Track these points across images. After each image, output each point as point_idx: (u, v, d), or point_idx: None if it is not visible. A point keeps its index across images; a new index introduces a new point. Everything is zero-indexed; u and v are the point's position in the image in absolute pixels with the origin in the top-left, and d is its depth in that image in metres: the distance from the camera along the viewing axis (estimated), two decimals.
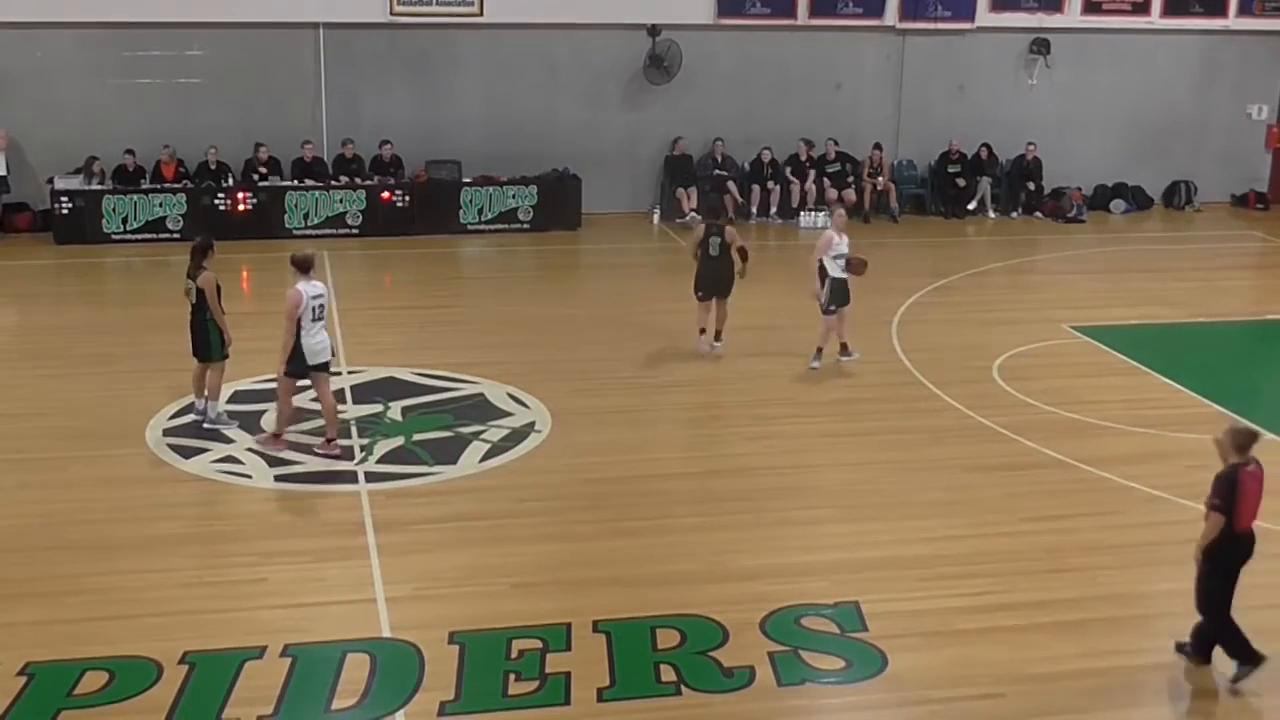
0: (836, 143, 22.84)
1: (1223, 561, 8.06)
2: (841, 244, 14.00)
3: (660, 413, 12.97)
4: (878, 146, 23.04)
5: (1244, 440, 7.97)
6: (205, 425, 12.10)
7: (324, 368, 11.47)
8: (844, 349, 14.42)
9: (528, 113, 22.00)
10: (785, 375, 14.11)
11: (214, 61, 21.13)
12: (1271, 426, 12.69)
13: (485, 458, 11.64)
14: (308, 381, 11.58)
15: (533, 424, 12.48)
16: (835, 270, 13.93)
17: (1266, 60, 24.77)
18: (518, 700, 7.87)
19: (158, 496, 10.86)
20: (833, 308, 14.03)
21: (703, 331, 14.71)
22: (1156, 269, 19.87)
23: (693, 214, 21.87)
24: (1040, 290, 18.89)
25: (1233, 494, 7.86)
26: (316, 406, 12.75)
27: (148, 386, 13.05)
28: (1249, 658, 8.21)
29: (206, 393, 12.17)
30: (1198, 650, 8.37)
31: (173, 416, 12.48)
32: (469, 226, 21.26)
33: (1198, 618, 9.04)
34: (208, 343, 12.01)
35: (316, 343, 11.32)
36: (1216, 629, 8.23)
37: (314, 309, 11.26)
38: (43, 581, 9.26)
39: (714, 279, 14.66)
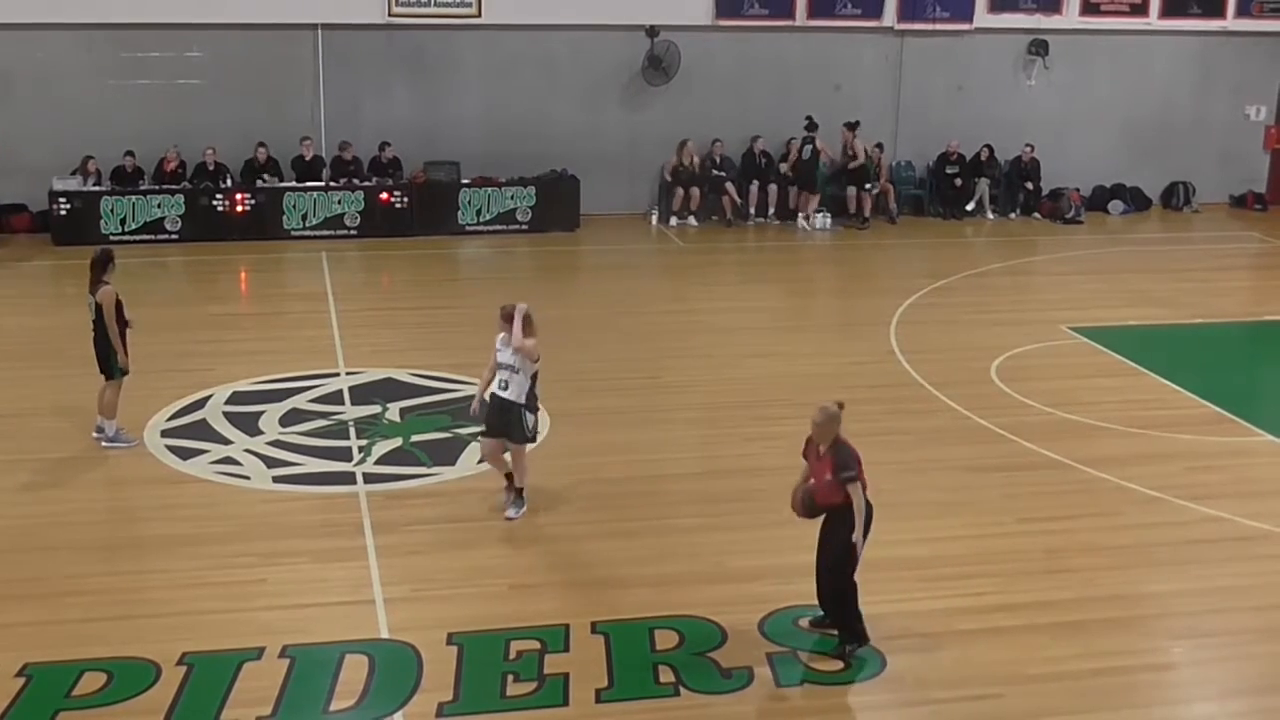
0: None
1: (856, 533, 8.21)
2: (501, 351, 10.27)
3: (660, 413, 12.96)
4: (879, 146, 23.05)
5: (839, 413, 8.26)
6: (104, 444, 11.75)
7: None
8: (511, 487, 10.48)
9: (526, 114, 21.98)
10: (785, 375, 14.10)
11: (213, 62, 21.10)
12: (1271, 427, 12.76)
13: (484, 459, 11.62)
14: (305, 383, 11.54)
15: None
16: (495, 385, 10.26)
17: (1264, 61, 24.77)
18: (516, 701, 7.86)
19: (157, 497, 10.86)
20: (482, 428, 10.50)
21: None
22: (1155, 270, 19.87)
23: (691, 216, 22.05)
24: (1038, 291, 18.90)
25: (857, 462, 8.16)
26: (315, 407, 12.78)
27: (146, 388, 12.99)
28: (862, 637, 8.39)
29: (103, 410, 11.80)
30: (861, 637, 8.46)
31: (171, 418, 12.47)
32: (467, 227, 21.25)
33: (1194, 616, 9.07)
34: (109, 359, 11.72)
35: None
36: (850, 598, 8.37)
37: None
38: (42, 581, 9.25)
39: (805, 178, 21.83)
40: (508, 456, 10.40)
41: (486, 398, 10.36)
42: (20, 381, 13.61)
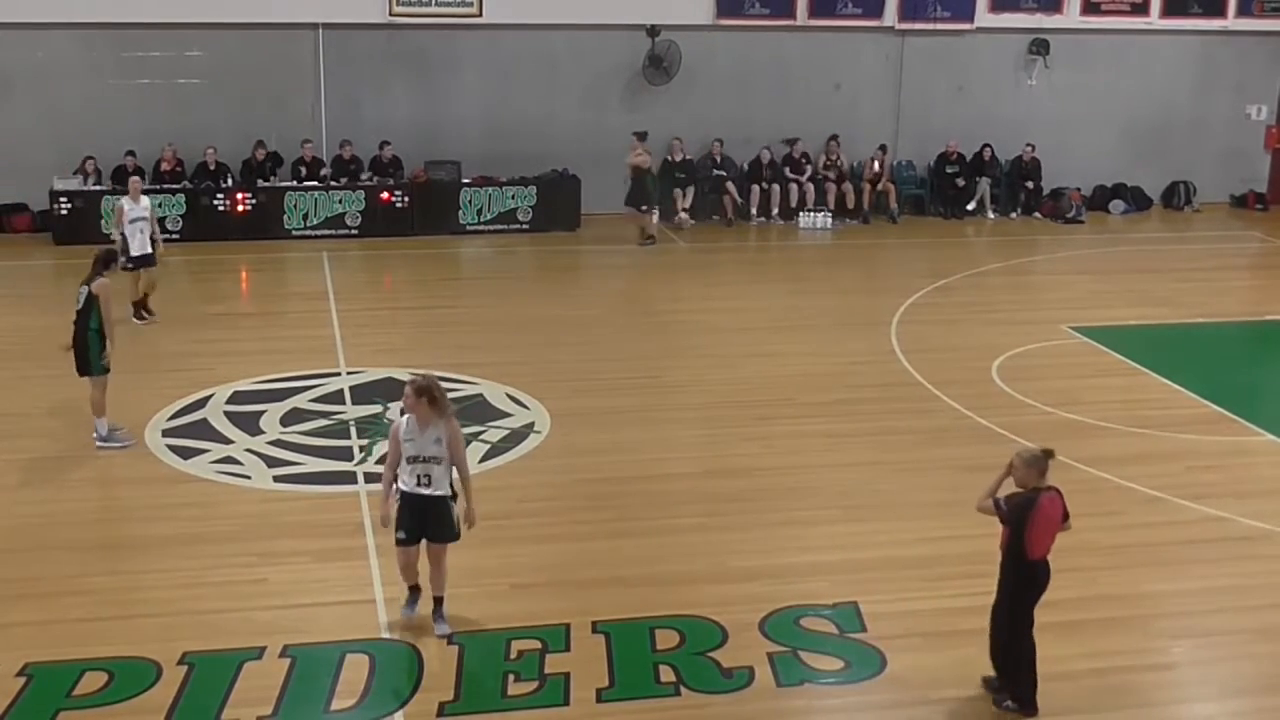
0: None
1: (1017, 590, 7.74)
2: (415, 440, 8.32)
3: (660, 413, 12.96)
4: (883, 148, 23.07)
5: (1044, 464, 7.60)
6: (98, 444, 11.64)
7: None
8: (414, 598, 8.78)
9: (527, 113, 22.00)
10: (785, 375, 14.10)
11: (213, 62, 21.12)
12: (1271, 427, 12.76)
13: (484, 458, 11.62)
14: (306, 382, 11.51)
15: (532, 424, 12.47)
16: (408, 481, 8.38)
17: (1265, 61, 24.78)
18: (517, 701, 7.86)
19: (157, 496, 10.85)
20: (402, 535, 8.44)
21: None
22: (1156, 269, 19.88)
23: (684, 214, 22.03)
24: (1039, 291, 18.89)
25: (1025, 514, 7.54)
26: (316, 407, 12.79)
27: (147, 387, 13.04)
28: (1029, 704, 7.80)
29: (94, 410, 11.63)
30: (1024, 704, 7.83)
31: (172, 417, 12.47)
32: (468, 227, 21.27)
33: (1194, 615, 9.07)
34: (88, 356, 11.50)
35: None
36: (1016, 655, 7.81)
37: None
38: (43, 581, 9.25)
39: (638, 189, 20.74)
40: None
41: (395, 500, 8.48)
42: (20, 381, 13.61)
